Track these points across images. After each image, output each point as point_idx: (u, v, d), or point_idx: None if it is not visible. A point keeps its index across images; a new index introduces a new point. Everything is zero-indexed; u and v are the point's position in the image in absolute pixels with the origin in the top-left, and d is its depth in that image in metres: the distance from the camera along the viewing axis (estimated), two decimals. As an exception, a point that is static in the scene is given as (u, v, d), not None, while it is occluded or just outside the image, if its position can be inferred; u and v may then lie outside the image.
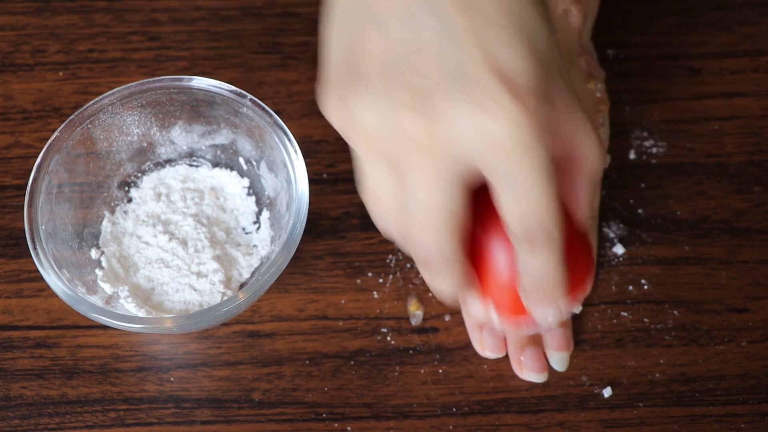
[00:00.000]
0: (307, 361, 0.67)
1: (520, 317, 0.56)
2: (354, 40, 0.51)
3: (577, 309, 0.68)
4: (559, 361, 0.66)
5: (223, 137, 0.70)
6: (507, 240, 0.52)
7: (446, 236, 0.51)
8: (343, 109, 0.51)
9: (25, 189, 0.64)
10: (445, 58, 0.48)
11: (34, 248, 0.63)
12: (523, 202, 0.49)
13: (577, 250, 0.55)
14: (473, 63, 0.47)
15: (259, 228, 0.70)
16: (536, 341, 0.66)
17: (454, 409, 0.66)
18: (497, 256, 0.54)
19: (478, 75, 0.47)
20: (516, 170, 0.48)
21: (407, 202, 0.51)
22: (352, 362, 0.67)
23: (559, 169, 0.51)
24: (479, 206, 0.53)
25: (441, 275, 0.53)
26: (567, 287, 0.53)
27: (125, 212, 0.70)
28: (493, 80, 0.47)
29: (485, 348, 0.67)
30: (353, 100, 0.50)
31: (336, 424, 0.65)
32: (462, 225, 0.51)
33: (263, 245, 0.69)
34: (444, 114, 0.48)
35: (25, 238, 0.63)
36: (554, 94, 0.49)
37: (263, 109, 0.67)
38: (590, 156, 0.52)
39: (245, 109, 0.67)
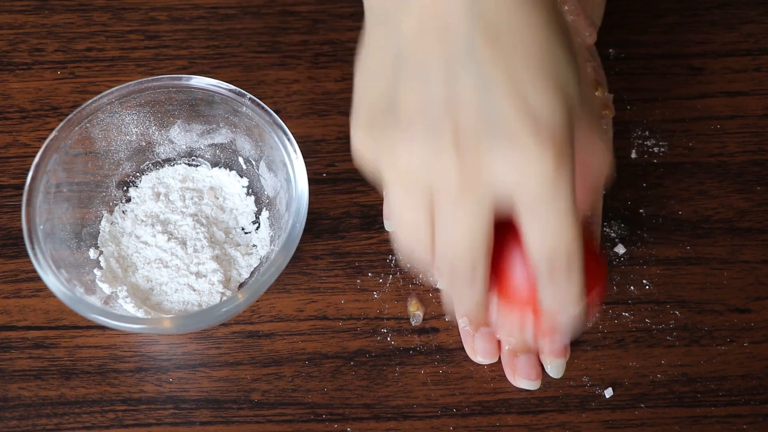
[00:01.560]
0: (307, 362, 0.67)
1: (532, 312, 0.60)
2: (392, 85, 0.55)
3: (588, 323, 0.67)
4: (555, 368, 0.66)
5: (222, 136, 0.70)
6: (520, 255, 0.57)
7: (480, 250, 0.55)
8: (379, 145, 0.55)
9: (23, 188, 0.64)
10: (482, 110, 0.53)
11: (32, 248, 0.63)
12: (548, 236, 0.54)
13: (588, 259, 0.57)
14: (508, 112, 0.53)
15: (258, 228, 0.70)
16: (531, 348, 0.66)
17: (455, 410, 0.66)
18: (513, 269, 0.58)
19: (512, 123, 0.52)
20: (543, 205, 0.53)
21: (444, 225, 0.55)
22: (351, 363, 0.67)
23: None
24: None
25: (468, 286, 0.57)
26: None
27: (124, 212, 0.70)
28: (526, 126, 0.52)
29: (477, 353, 0.66)
30: (392, 138, 0.55)
31: (336, 425, 0.65)
32: (490, 243, 0.55)
33: (262, 245, 0.69)
34: (483, 155, 0.53)
35: (23, 237, 0.63)
36: (577, 126, 0.54)
37: (262, 108, 0.67)
38: (600, 166, 0.58)
39: (244, 109, 0.67)
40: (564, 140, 0.53)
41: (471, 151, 0.53)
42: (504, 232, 0.57)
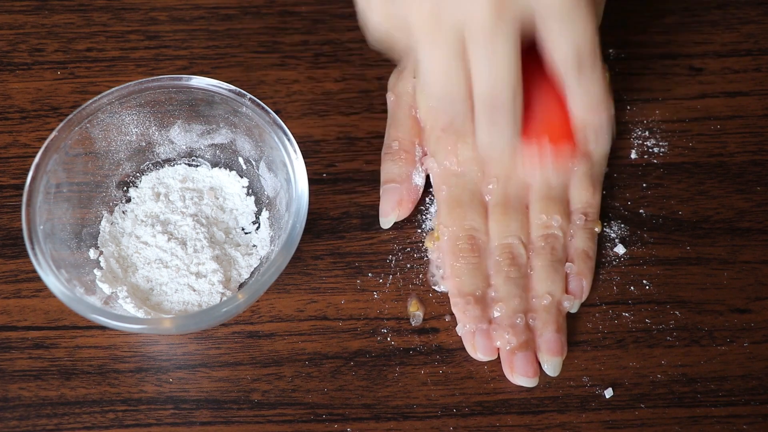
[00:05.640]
0: (307, 362, 0.67)
1: (565, 146, 0.62)
2: None
3: (574, 308, 0.67)
4: (552, 366, 0.66)
5: (222, 137, 0.70)
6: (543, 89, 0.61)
7: (518, 75, 0.58)
8: (396, 6, 0.57)
9: (23, 189, 0.64)
10: None
11: (32, 248, 0.63)
12: (574, 37, 0.57)
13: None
14: None
15: (258, 228, 0.70)
16: (528, 345, 0.66)
17: (455, 410, 0.66)
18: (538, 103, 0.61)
19: None
20: (567, 10, 0.56)
21: (481, 61, 0.57)
22: (352, 363, 0.67)
23: None
24: None
25: (511, 116, 0.59)
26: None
27: (124, 212, 0.70)
28: None
29: (477, 350, 0.66)
30: None
31: (336, 425, 0.65)
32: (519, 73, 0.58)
33: (262, 245, 0.69)
34: None
35: (23, 238, 0.63)
36: None
37: (262, 108, 0.67)
38: None
39: (244, 109, 0.67)
40: None
41: None
42: None
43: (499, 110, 0.58)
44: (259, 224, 0.70)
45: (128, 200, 0.70)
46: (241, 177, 0.70)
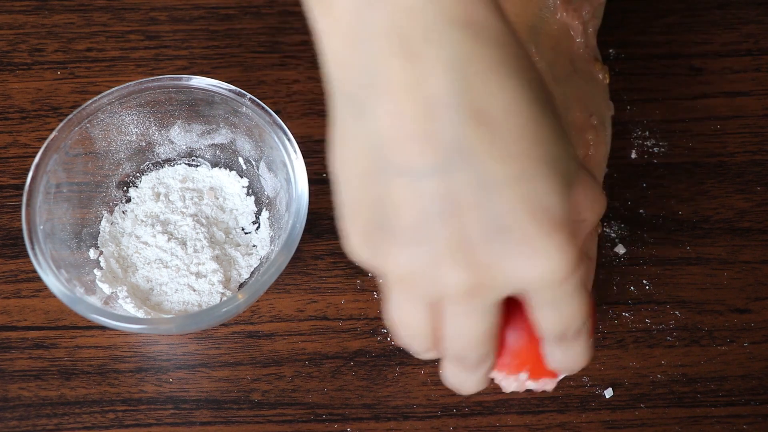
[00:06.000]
0: (307, 362, 0.67)
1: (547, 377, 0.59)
2: (380, 193, 0.49)
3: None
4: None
5: (222, 137, 0.70)
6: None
7: (490, 343, 0.53)
8: (376, 253, 0.50)
9: (23, 189, 0.64)
10: (484, 212, 0.48)
11: (32, 248, 0.63)
12: (561, 319, 0.52)
13: None
14: (515, 212, 0.48)
15: (258, 228, 0.70)
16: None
17: (455, 410, 0.66)
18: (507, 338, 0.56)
19: (522, 222, 0.48)
20: (558, 294, 0.50)
21: (450, 325, 0.52)
22: (352, 363, 0.67)
23: None
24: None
25: (474, 373, 0.55)
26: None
27: (124, 212, 0.70)
28: (539, 224, 0.48)
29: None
30: (390, 251, 0.50)
31: (336, 425, 0.65)
32: (498, 331, 0.53)
33: (263, 245, 0.69)
34: (492, 261, 0.49)
35: (23, 238, 0.63)
36: (574, 187, 0.51)
37: (263, 108, 0.67)
38: (595, 214, 0.53)
39: (244, 109, 0.67)
40: (570, 225, 0.49)
41: (477, 259, 0.49)
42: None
43: (466, 367, 0.54)
44: (259, 224, 0.70)
45: (128, 200, 0.70)
46: (241, 177, 0.70)
